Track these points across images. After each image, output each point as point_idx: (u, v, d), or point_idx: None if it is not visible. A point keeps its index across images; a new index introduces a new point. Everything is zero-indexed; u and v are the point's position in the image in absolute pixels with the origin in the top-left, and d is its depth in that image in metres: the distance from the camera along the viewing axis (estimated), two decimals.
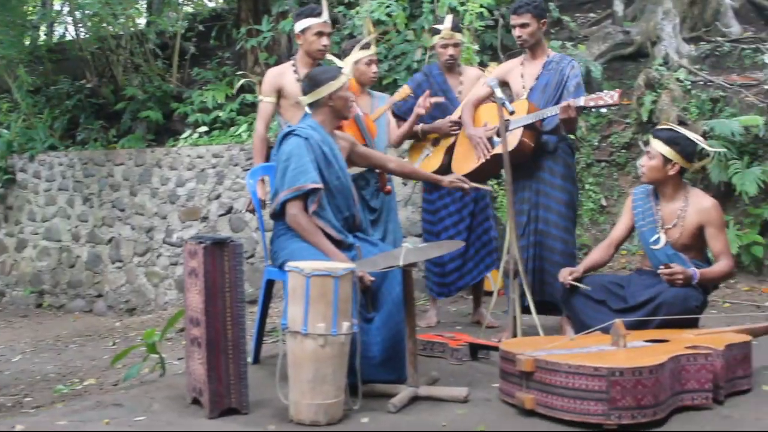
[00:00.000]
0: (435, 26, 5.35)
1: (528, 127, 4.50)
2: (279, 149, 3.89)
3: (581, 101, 4.30)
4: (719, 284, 4.52)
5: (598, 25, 9.29)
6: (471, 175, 4.84)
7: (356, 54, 4.88)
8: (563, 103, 4.33)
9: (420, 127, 5.14)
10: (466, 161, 4.83)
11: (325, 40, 4.65)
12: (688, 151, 4.09)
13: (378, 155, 4.29)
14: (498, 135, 4.59)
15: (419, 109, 4.89)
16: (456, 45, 5.20)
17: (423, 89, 5.17)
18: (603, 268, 4.52)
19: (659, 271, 3.91)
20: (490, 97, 4.72)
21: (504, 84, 4.81)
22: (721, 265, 4.01)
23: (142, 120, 9.68)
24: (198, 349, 3.34)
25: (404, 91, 4.99)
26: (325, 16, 4.67)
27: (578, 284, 4.02)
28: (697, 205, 4.08)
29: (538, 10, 4.62)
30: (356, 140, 4.19)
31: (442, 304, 5.82)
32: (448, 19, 5.21)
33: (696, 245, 4.08)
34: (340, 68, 4.09)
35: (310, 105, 3.96)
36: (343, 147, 4.02)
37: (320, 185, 3.76)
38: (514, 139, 4.52)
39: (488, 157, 4.65)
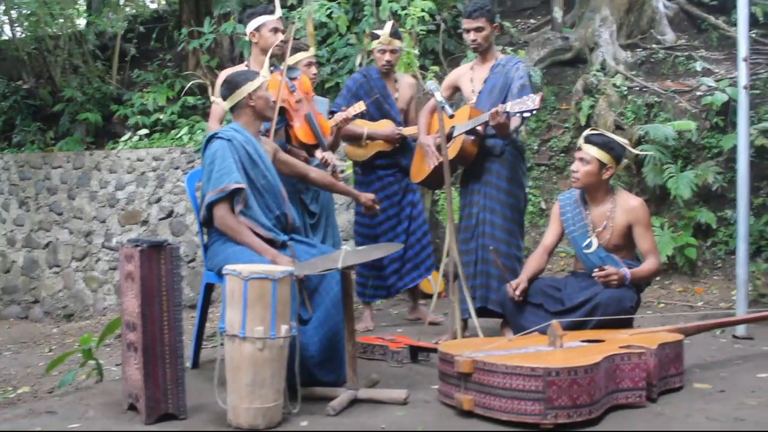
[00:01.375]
0: (374, 31, 5.36)
1: (470, 132, 4.54)
2: (203, 154, 3.87)
3: (506, 107, 4.33)
4: (650, 281, 4.61)
5: (538, 31, 9.43)
6: (426, 182, 4.88)
7: (295, 56, 4.87)
8: (492, 110, 4.37)
9: (366, 132, 5.13)
10: (420, 169, 4.87)
11: (281, 36, 4.63)
12: (619, 154, 4.19)
13: (300, 165, 4.22)
14: (448, 142, 4.62)
15: (342, 120, 4.90)
16: (393, 51, 5.23)
17: (364, 89, 5.19)
18: (542, 272, 4.56)
19: (594, 274, 3.98)
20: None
21: (456, 89, 4.85)
22: (649, 264, 4.10)
23: (80, 122, 9.50)
24: (134, 354, 3.28)
25: (359, 106, 4.98)
26: (279, 12, 4.65)
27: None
28: (624, 206, 4.16)
29: (491, 15, 4.67)
30: (278, 147, 4.15)
31: (383, 306, 5.83)
32: (388, 25, 5.23)
33: (626, 244, 4.17)
34: (257, 72, 4.06)
35: (232, 109, 3.95)
36: (267, 151, 4.00)
37: (243, 185, 3.74)
38: (456, 144, 4.55)
39: (437, 164, 4.66)
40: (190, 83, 5.43)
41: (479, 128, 4.50)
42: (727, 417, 3.12)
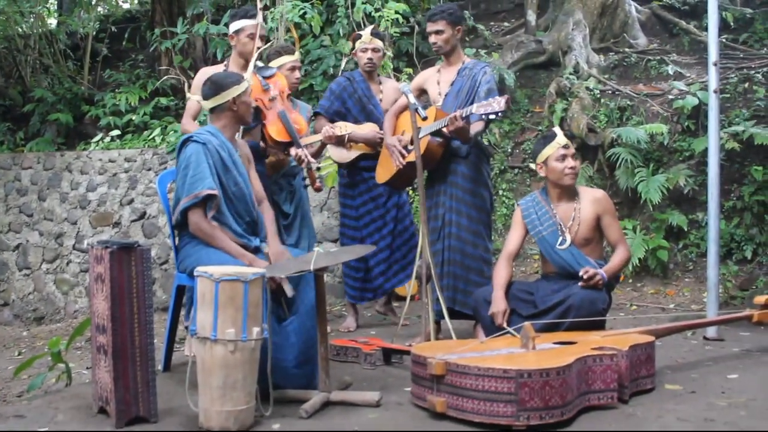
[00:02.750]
0: (357, 32, 5.38)
1: (435, 134, 4.54)
2: (178, 157, 3.84)
3: (473, 108, 4.34)
4: (619, 278, 4.64)
5: (512, 34, 9.48)
6: (391, 182, 4.87)
7: (279, 59, 4.86)
8: (450, 116, 4.37)
9: (348, 136, 5.10)
10: (386, 169, 4.87)
11: (258, 42, 4.62)
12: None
13: (258, 188, 4.08)
14: (412, 143, 4.62)
15: (327, 137, 4.90)
16: (375, 50, 5.23)
17: (348, 92, 5.19)
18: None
19: (581, 284, 3.95)
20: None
21: (423, 91, 4.86)
22: (620, 254, 4.15)
23: (51, 123, 9.39)
24: (104, 357, 3.24)
25: (344, 127, 4.99)
26: (260, 18, 4.64)
27: (509, 329, 3.91)
28: (589, 198, 4.22)
29: (452, 17, 4.68)
30: (252, 158, 4.12)
31: (359, 310, 5.82)
32: (369, 27, 5.30)
33: (594, 237, 4.20)
34: (242, 75, 4.04)
35: (212, 110, 3.92)
36: (243, 154, 3.98)
37: (216, 191, 3.71)
38: (422, 145, 4.54)
39: (403, 164, 4.67)
40: (165, 77, 5.36)
41: (444, 130, 4.51)
42: (697, 418, 3.15)
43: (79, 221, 8.34)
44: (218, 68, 4.72)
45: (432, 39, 4.75)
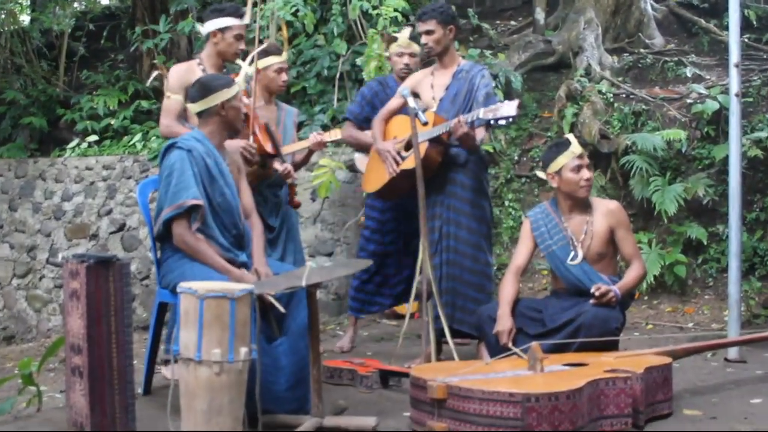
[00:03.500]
0: (392, 34, 5.37)
1: (433, 140, 4.55)
2: (161, 164, 3.84)
3: (480, 113, 4.35)
4: (634, 295, 4.64)
5: (519, 34, 9.50)
6: (381, 192, 4.86)
7: (266, 60, 4.87)
8: (454, 121, 4.38)
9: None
10: (377, 177, 4.85)
11: (242, 44, 4.64)
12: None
13: (246, 200, 4.11)
14: (406, 149, 4.63)
15: (315, 144, 4.91)
16: (412, 55, 5.23)
17: (380, 98, 5.19)
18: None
19: (592, 301, 3.95)
20: (402, 108, 4.76)
21: (415, 95, 4.86)
22: (634, 270, 4.16)
23: (24, 127, 9.39)
24: (80, 380, 3.24)
25: (335, 133, 4.99)
26: (248, 19, 4.66)
27: (515, 350, 3.90)
28: (602, 210, 4.23)
29: (444, 17, 4.70)
30: (243, 167, 4.13)
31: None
32: (407, 29, 5.29)
33: (608, 252, 4.21)
34: (232, 78, 4.05)
35: (199, 114, 3.93)
36: (233, 161, 3.99)
37: (201, 201, 3.72)
38: (419, 152, 4.54)
39: (398, 172, 4.66)
40: (156, 73, 5.30)
41: (443, 136, 4.52)
42: None
43: (54, 233, 8.34)
44: (192, 65, 4.69)
45: (423, 39, 4.77)
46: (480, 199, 4.70)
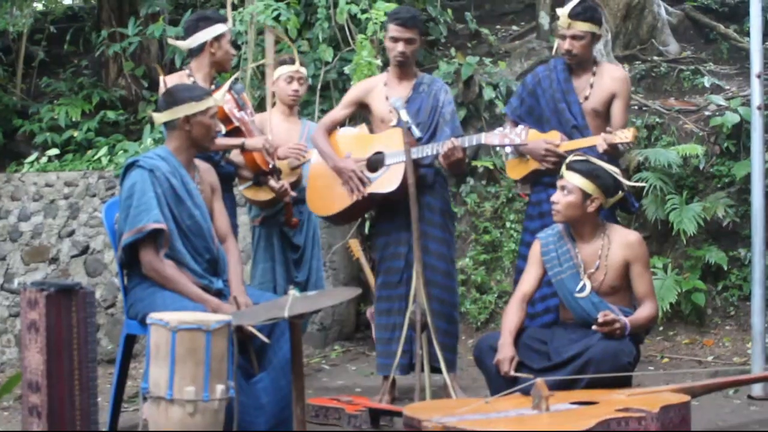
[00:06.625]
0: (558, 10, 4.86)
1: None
2: (121, 184, 3.84)
3: (482, 139, 4.34)
4: (649, 330, 4.65)
5: (521, 40, 9.54)
6: (337, 216, 4.78)
7: (278, 69, 4.92)
8: (447, 144, 4.38)
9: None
10: (331, 199, 4.73)
11: (233, 50, 4.70)
12: (607, 184, 4.19)
13: (221, 222, 4.12)
14: (370, 169, 4.61)
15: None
16: (575, 37, 4.61)
17: (543, 86, 4.77)
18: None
19: (595, 327, 3.95)
20: (348, 120, 4.79)
21: (363, 106, 4.84)
22: (647, 309, 4.13)
23: None
24: (37, 420, 3.23)
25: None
26: (231, 23, 4.71)
27: (519, 375, 3.92)
28: (620, 241, 4.20)
29: (422, 26, 4.75)
30: (218, 187, 4.14)
31: (339, 361, 5.80)
32: (569, 6, 4.71)
33: (622, 286, 4.19)
34: (208, 92, 4.04)
35: (166, 125, 3.93)
36: (204, 180, 3.99)
37: (163, 225, 3.71)
38: (396, 175, 4.53)
39: (365, 195, 4.61)
40: (143, 73, 5.34)
41: (442, 159, 4.53)
42: None
43: (9, 256, 8.31)
44: (181, 77, 4.67)
45: (400, 48, 4.68)
46: (447, 221, 4.74)
